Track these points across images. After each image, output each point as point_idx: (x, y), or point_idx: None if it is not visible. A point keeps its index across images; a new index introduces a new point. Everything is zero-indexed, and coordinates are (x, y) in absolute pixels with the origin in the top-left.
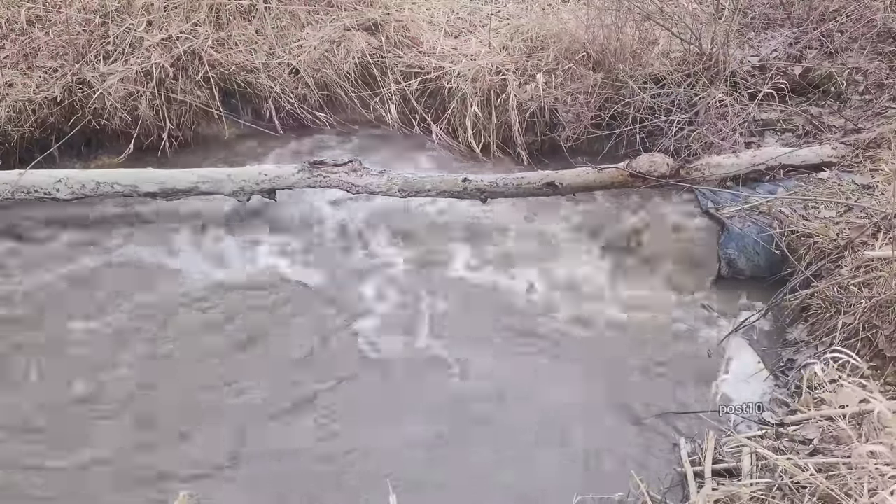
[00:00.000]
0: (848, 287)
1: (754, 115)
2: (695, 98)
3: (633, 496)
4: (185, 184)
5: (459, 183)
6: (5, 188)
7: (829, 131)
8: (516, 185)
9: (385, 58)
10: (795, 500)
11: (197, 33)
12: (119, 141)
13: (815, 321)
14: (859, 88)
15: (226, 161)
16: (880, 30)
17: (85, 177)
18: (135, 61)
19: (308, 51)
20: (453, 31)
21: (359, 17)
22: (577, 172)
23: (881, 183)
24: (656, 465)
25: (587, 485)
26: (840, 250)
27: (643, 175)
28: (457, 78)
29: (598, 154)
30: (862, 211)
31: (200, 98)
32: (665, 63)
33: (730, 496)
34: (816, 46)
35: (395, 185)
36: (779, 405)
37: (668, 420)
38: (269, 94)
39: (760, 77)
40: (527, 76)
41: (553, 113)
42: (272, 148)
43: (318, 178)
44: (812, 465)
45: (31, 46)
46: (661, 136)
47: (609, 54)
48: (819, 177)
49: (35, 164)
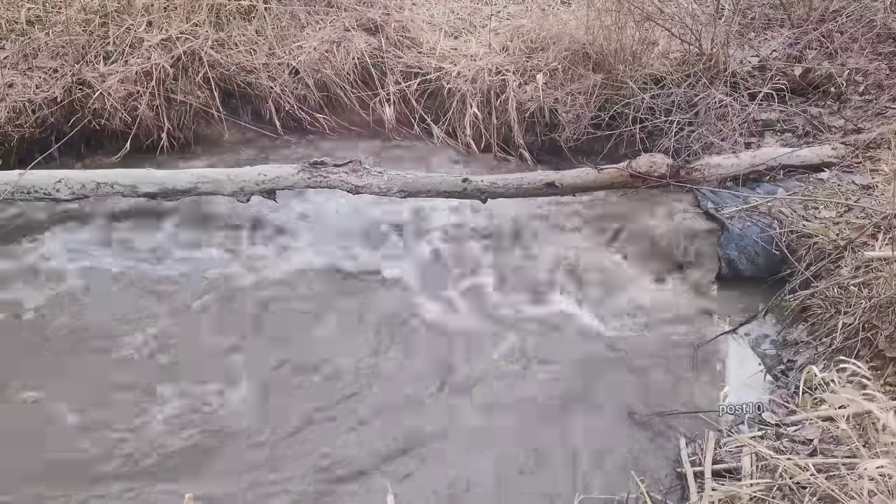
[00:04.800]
0: (848, 287)
1: (754, 116)
2: (695, 98)
3: (633, 496)
4: (185, 184)
5: (459, 183)
6: (5, 188)
7: (829, 132)
8: (516, 185)
9: (385, 58)
10: (795, 500)
11: (197, 34)
12: (119, 141)
13: (814, 321)
14: (859, 89)
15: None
16: (880, 30)
17: (85, 177)
18: (135, 61)
19: (308, 51)
20: (453, 32)
21: (359, 18)
22: (578, 173)
23: (881, 183)
24: (656, 465)
25: (587, 485)
26: (840, 250)
27: (643, 175)
28: (456, 78)
29: (598, 154)
30: (862, 211)
31: (200, 98)
32: (665, 63)
33: (730, 496)
34: (816, 47)
35: (396, 186)
36: (779, 405)
37: (668, 420)
38: (269, 95)
39: (760, 77)
40: (527, 77)
41: (553, 113)
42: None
43: (318, 178)
44: (812, 465)
45: (31, 47)
46: (661, 136)
47: (609, 55)
48: (819, 177)
49: (35, 164)
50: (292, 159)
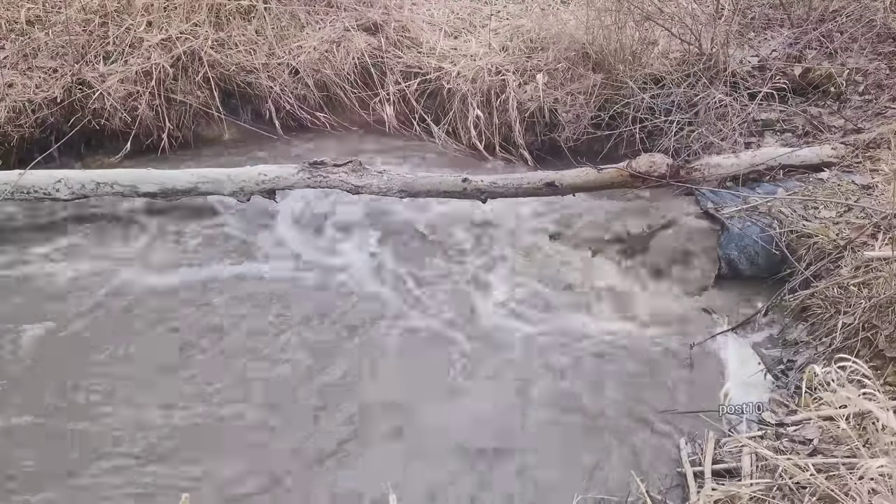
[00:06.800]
0: (848, 287)
1: (754, 116)
2: (695, 98)
3: (633, 496)
4: (185, 184)
5: (459, 183)
6: (5, 188)
7: (829, 131)
8: (516, 185)
9: (385, 58)
10: (795, 500)
11: (197, 33)
12: (119, 141)
13: (814, 321)
14: (859, 89)
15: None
16: (880, 30)
17: (85, 177)
18: (134, 61)
19: (308, 51)
20: (453, 32)
21: (359, 18)
22: (577, 173)
23: (881, 183)
24: (656, 465)
25: (587, 485)
26: (840, 250)
27: (643, 175)
28: (456, 78)
29: (598, 154)
30: (862, 211)
31: (200, 98)
32: (665, 63)
33: (730, 496)
34: (816, 47)
35: (395, 186)
36: (779, 405)
37: (668, 420)
38: (269, 95)
39: (760, 77)
40: (527, 76)
41: (553, 113)
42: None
43: (318, 178)
44: (812, 465)
45: (31, 47)
46: (661, 136)
47: (609, 55)
48: (819, 177)
49: (35, 164)
50: (292, 159)
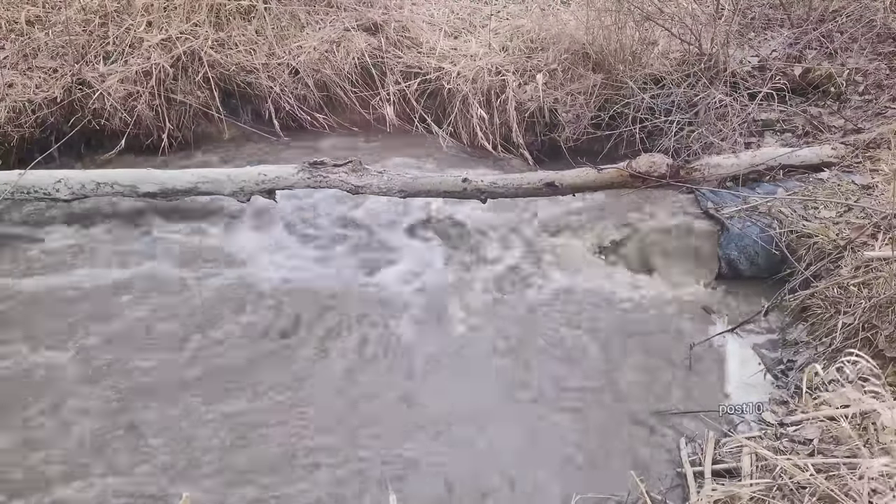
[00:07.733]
0: (848, 287)
1: (754, 116)
2: (695, 98)
3: (633, 496)
4: (185, 184)
5: (459, 183)
6: (5, 188)
7: (829, 131)
8: (516, 185)
9: (385, 58)
10: (795, 500)
11: (197, 34)
12: (119, 141)
13: (814, 321)
14: (859, 89)
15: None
16: (880, 30)
17: (85, 177)
18: (134, 61)
19: (308, 51)
20: (453, 32)
21: (359, 18)
22: (577, 173)
23: (881, 183)
24: (656, 465)
25: (587, 485)
26: (840, 250)
27: (643, 175)
28: (456, 78)
29: (598, 154)
30: (862, 211)
31: (200, 98)
32: (665, 63)
33: (730, 496)
34: (816, 47)
35: (395, 186)
36: (779, 405)
37: (668, 420)
38: (269, 95)
39: (760, 77)
40: (526, 77)
41: (553, 113)
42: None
43: (317, 178)
44: (812, 465)
45: (31, 47)
46: (661, 136)
47: (609, 55)
48: (819, 177)
49: (35, 164)
50: (292, 159)
